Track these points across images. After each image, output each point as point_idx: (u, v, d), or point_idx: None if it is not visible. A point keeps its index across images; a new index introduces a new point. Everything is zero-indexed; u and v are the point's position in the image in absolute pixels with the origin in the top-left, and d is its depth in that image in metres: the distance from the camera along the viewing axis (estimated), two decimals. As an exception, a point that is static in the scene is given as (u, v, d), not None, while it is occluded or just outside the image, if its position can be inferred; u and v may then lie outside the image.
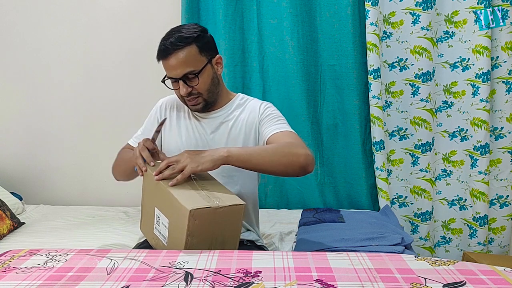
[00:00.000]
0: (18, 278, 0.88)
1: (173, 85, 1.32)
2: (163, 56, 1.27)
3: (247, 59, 2.24)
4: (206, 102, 1.34)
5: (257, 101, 1.43)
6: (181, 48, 1.25)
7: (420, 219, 2.26)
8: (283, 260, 0.96)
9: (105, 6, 2.32)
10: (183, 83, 1.28)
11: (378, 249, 1.44)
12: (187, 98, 1.31)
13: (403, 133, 2.24)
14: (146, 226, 1.25)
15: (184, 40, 1.25)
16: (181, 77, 1.27)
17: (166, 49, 1.26)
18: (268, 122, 1.34)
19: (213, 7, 2.22)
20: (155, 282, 0.85)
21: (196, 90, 1.29)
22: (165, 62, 1.27)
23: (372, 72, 2.09)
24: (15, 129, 2.42)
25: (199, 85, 1.29)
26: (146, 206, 1.24)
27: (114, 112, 2.36)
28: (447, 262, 0.96)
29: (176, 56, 1.25)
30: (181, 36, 1.26)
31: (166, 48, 1.26)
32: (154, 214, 1.17)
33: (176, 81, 1.29)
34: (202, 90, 1.30)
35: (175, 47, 1.25)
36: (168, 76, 1.30)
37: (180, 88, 1.28)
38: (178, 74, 1.27)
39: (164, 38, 1.29)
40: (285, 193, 2.32)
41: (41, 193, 2.43)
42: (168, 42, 1.25)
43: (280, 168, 1.18)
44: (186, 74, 1.27)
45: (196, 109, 1.35)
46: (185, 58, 1.25)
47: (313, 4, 2.18)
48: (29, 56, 2.37)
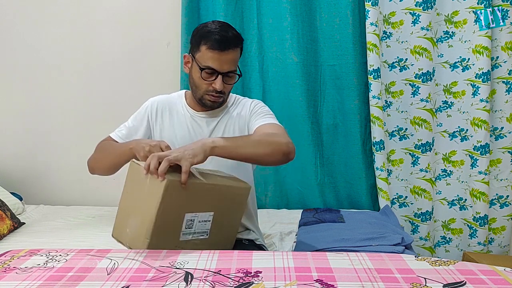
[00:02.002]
0: (18, 278, 0.88)
1: (207, 76, 1.29)
2: (221, 47, 1.25)
3: (247, 59, 2.24)
4: (223, 102, 1.39)
5: (249, 100, 1.48)
6: (237, 47, 1.29)
7: (420, 219, 2.26)
8: (283, 260, 0.96)
9: (105, 6, 2.31)
10: (221, 78, 1.29)
11: (378, 249, 1.44)
12: (215, 93, 1.31)
13: (403, 133, 2.24)
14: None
15: (238, 42, 1.29)
16: (224, 72, 1.28)
17: (228, 42, 1.25)
18: (256, 116, 1.38)
19: (213, 7, 2.22)
20: (155, 282, 0.85)
21: (225, 89, 1.32)
22: (218, 53, 1.26)
23: (372, 72, 2.09)
24: (15, 129, 2.42)
25: (230, 86, 1.34)
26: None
27: (114, 112, 2.35)
28: (447, 262, 0.96)
29: (232, 52, 1.27)
30: (237, 35, 1.29)
31: (228, 41, 1.25)
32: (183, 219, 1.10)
33: (213, 74, 1.29)
34: (228, 90, 1.36)
35: (236, 43, 1.27)
36: (209, 67, 1.27)
37: (218, 82, 1.28)
38: (224, 69, 1.28)
39: (217, 29, 1.26)
40: (285, 193, 2.32)
41: (41, 193, 2.43)
42: (229, 36, 1.26)
43: (265, 158, 1.21)
44: (229, 72, 1.29)
45: (213, 105, 1.37)
46: (236, 57, 1.30)
47: (313, 4, 2.18)
48: (29, 56, 2.37)
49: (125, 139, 1.38)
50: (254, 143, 1.21)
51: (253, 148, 1.19)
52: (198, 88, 1.33)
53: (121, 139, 1.39)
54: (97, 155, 1.39)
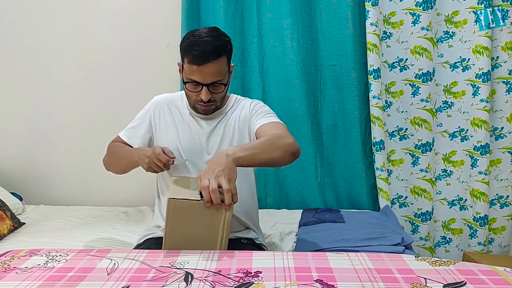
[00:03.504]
0: (18, 278, 0.88)
1: (192, 87, 1.30)
2: (198, 62, 1.24)
3: (247, 59, 2.24)
4: (216, 108, 1.38)
5: (249, 100, 1.48)
6: (218, 58, 1.25)
7: (420, 219, 2.26)
8: (283, 260, 0.96)
9: (105, 6, 2.31)
10: (207, 89, 1.28)
11: (378, 249, 1.44)
12: (203, 103, 1.32)
13: (403, 133, 2.24)
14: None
15: (220, 51, 1.26)
16: (208, 83, 1.28)
17: (204, 57, 1.23)
18: (257, 116, 1.39)
19: (213, 7, 2.22)
20: (155, 282, 0.85)
21: (214, 98, 1.32)
22: (197, 67, 1.25)
23: (372, 72, 2.09)
24: (15, 129, 2.42)
25: (220, 94, 1.33)
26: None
27: (114, 112, 2.36)
28: (447, 262, 0.96)
29: (212, 65, 1.25)
30: (218, 45, 1.25)
31: (204, 56, 1.23)
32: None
33: (199, 85, 1.29)
34: (219, 98, 1.34)
35: (214, 57, 1.24)
36: (192, 79, 1.28)
37: (204, 93, 1.29)
38: (207, 81, 1.27)
39: (196, 42, 1.25)
40: (285, 193, 2.31)
41: (41, 193, 2.43)
42: (206, 50, 1.23)
43: (278, 160, 1.23)
44: (214, 82, 1.28)
45: (206, 113, 1.38)
46: (218, 68, 1.27)
47: (313, 4, 2.18)
48: (29, 56, 2.37)
49: (131, 138, 1.43)
50: (267, 148, 1.21)
51: (267, 154, 1.20)
52: (188, 97, 1.36)
53: (128, 138, 1.44)
54: (108, 159, 1.44)
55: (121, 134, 1.46)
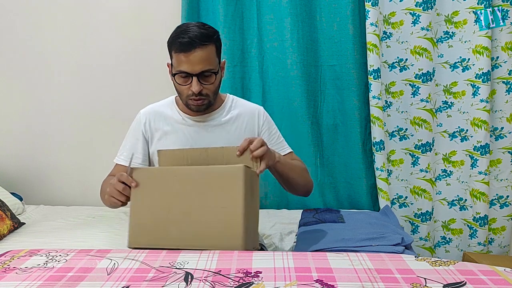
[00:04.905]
0: (18, 278, 0.88)
1: (182, 80, 1.28)
2: (185, 49, 1.22)
3: (246, 59, 2.24)
4: (209, 103, 1.34)
5: (251, 105, 1.47)
6: (206, 45, 1.24)
7: (420, 219, 2.26)
8: (283, 260, 0.96)
9: (105, 6, 2.31)
10: (197, 80, 1.26)
11: (378, 249, 1.44)
12: (195, 97, 1.29)
13: (403, 133, 2.24)
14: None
15: (208, 38, 1.24)
16: (197, 73, 1.25)
17: (191, 43, 1.22)
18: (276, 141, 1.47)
19: (213, 7, 2.22)
20: (155, 283, 0.85)
21: (205, 91, 1.29)
22: (185, 55, 1.23)
23: (372, 73, 2.09)
24: (15, 129, 2.43)
25: (211, 86, 1.29)
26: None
27: (114, 112, 2.36)
28: (447, 262, 0.95)
29: (200, 51, 1.23)
30: (205, 33, 1.24)
31: (191, 41, 1.22)
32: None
33: (188, 77, 1.27)
34: (211, 91, 1.31)
35: (201, 42, 1.22)
36: (181, 71, 1.26)
37: (194, 84, 1.26)
38: (196, 70, 1.24)
39: (183, 31, 1.24)
40: (285, 193, 2.31)
41: (41, 194, 2.43)
42: (193, 35, 1.22)
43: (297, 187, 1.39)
44: (204, 72, 1.26)
45: (198, 109, 1.34)
46: (207, 55, 1.25)
47: (313, 4, 2.18)
48: (29, 57, 2.37)
49: (129, 160, 1.31)
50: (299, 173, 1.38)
51: (297, 176, 1.36)
52: (180, 94, 1.33)
53: (126, 161, 1.37)
54: (101, 193, 1.36)
55: (116, 160, 1.42)
